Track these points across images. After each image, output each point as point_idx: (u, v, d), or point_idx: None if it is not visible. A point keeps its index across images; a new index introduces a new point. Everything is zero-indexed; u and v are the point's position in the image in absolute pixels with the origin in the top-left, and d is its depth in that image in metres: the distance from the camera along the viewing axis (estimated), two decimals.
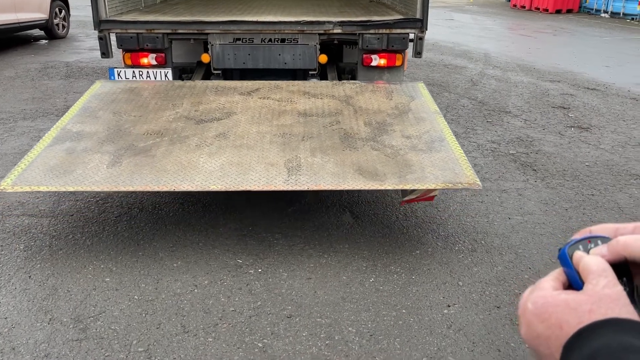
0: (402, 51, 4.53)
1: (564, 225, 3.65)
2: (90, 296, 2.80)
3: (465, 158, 3.23)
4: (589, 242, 0.55)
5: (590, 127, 5.78)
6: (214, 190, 2.91)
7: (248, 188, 2.92)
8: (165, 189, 2.91)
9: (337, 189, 2.96)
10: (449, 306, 2.77)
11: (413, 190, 3.11)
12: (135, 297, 2.80)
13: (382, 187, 2.97)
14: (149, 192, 3.99)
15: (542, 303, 0.51)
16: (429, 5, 4.38)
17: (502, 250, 3.32)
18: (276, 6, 5.63)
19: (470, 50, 10.39)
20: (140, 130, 3.51)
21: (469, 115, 6.10)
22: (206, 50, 4.45)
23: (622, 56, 10.23)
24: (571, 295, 0.50)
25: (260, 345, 2.47)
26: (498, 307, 2.78)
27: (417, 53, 4.67)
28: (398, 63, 4.57)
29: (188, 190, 2.91)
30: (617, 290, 0.48)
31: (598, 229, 0.57)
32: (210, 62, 4.45)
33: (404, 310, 2.73)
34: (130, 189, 2.94)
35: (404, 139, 3.44)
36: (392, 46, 4.45)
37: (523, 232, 3.55)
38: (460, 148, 3.34)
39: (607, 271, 0.50)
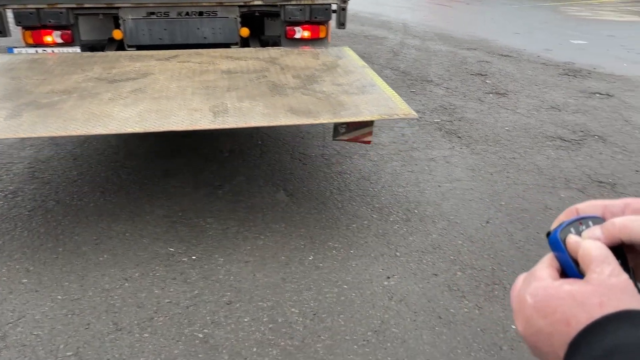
0: (325, 22, 4.44)
1: (491, 190, 3.77)
2: (7, 300, 2.55)
3: (399, 96, 3.20)
4: (581, 223, 0.50)
5: (507, 93, 6.01)
6: (130, 132, 2.64)
7: (170, 129, 2.70)
8: (75, 134, 2.63)
9: (269, 125, 2.81)
10: (389, 277, 2.79)
11: (346, 129, 3.08)
12: (59, 297, 2.59)
13: (317, 122, 2.85)
14: (64, 181, 3.70)
15: (543, 296, 0.46)
16: None
17: (434, 218, 3.38)
18: None
19: (390, 20, 10.47)
20: (43, 90, 3.19)
21: (392, 86, 6.13)
22: (117, 26, 4.13)
23: (530, 24, 10.71)
24: (575, 286, 0.45)
25: (200, 335, 2.37)
26: (435, 275, 2.83)
27: (341, 24, 4.60)
28: (322, 35, 4.48)
29: (101, 134, 2.64)
30: (623, 278, 0.44)
31: (586, 208, 0.53)
32: (122, 39, 4.15)
33: (345, 286, 2.71)
34: (33, 135, 2.64)
35: (334, 86, 3.36)
36: (315, 17, 4.35)
37: (453, 199, 3.63)
38: (391, 89, 3.32)
39: (610, 257, 0.45)
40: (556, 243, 0.49)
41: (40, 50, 4.11)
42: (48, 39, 4.07)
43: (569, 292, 0.45)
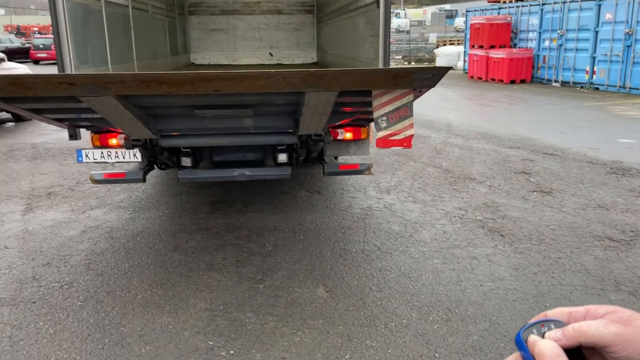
0: (366, 124, 4.68)
1: (535, 290, 3.68)
2: None
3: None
4: (543, 326, 0.57)
5: (552, 191, 5.98)
6: None
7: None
8: None
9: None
10: None
11: (387, 122, 3.08)
12: None
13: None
14: (116, 273, 3.89)
15: None
16: None
17: (476, 319, 3.31)
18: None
19: (433, 120, 10.80)
20: None
21: (435, 183, 6.25)
22: None
23: (575, 122, 10.77)
24: None
25: None
26: None
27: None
28: (363, 136, 4.71)
29: None
30: None
31: (553, 313, 0.60)
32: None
33: None
34: None
35: None
36: (357, 121, 4.60)
37: (496, 298, 3.56)
38: None
39: (561, 357, 0.52)
40: (519, 342, 0.56)
41: (104, 151, 4.51)
42: (113, 141, 4.48)
43: None
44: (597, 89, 15.87)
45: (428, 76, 2.97)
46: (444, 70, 2.93)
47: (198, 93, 2.95)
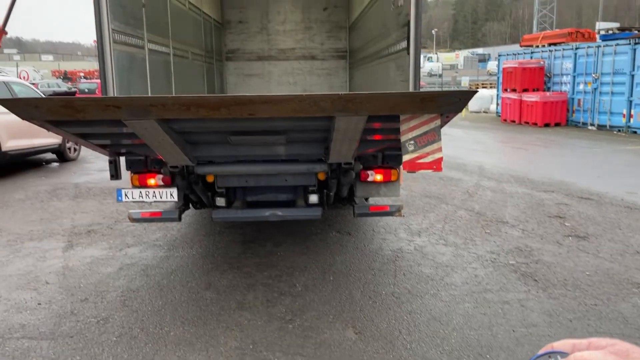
0: (396, 167, 4.74)
1: (570, 337, 3.58)
2: None
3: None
4: (550, 357, 0.62)
5: (588, 236, 5.86)
6: None
7: None
8: None
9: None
10: None
11: (415, 145, 3.09)
12: None
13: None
14: (150, 310, 3.98)
15: None
16: None
17: None
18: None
19: (465, 163, 10.78)
20: None
21: (467, 227, 6.21)
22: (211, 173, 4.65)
23: (612, 166, 10.58)
24: None
25: None
26: None
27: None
28: (393, 178, 4.77)
29: None
30: None
31: (559, 345, 0.65)
32: (214, 181, 4.64)
33: None
34: None
35: None
36: (387, 162, 4.68)
37: (528, 345, 3.49)
38: None
39: None
40: None
41: (143, 191, 4.69)
42: (151, 181, 4.66)
43: None
44: (635, 132, 15.60)
45: (454, 100, 3.04)
46: (470, 94, 3.01)
47: (233, 117, 3.09)
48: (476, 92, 3.12)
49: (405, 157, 3.29)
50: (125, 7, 5.27)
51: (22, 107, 3.09)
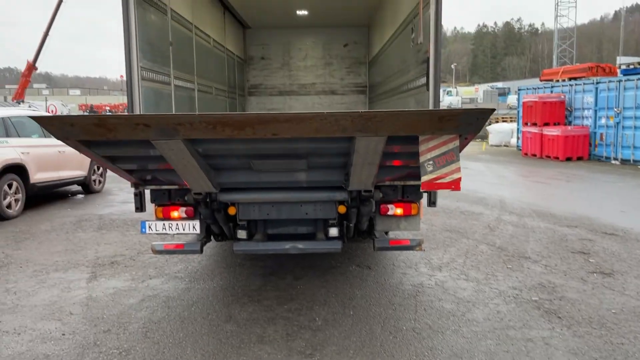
0: (417, 201, 4.76)
1: None
2: None
3: None
4: None
5: (613, 273, 5.74)
6: None
7: None
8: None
9: None
10: None
11: (433, 166, 3.12)
12: None
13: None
14: (171, 342, 4.00)
15: None
16: None
17: None
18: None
19: (486, 197, 10.71)
20: None
21: (488, 262, 6.15)
22: (233, 204, 4.72)
23: (636, 201, 10.41)
24: None
25: None
26: None
27: (432, 202, 4.91)
28: (414, 212, 4.77)
29: None
30: None
31: None
32: (235, 213, 4.70)
33: None
34: None
35: None
36: (407, 196, 4.69)
37: None
38: None
39: None
40: None
41: (166, 223, 4.77)
42: (175, 214, 4.75)
43: None
44: None
45: (473, 120, 3.08)
46: (488, 112, 3.05)
47: (257, 137, 3.18)
48: (494, 110, 3.15)
49: (424, 178, 3.33)
50: (153, 45, 5.48)
51: (58, 125, 3.21)
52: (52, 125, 3.22)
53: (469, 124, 3.13)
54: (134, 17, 4.80)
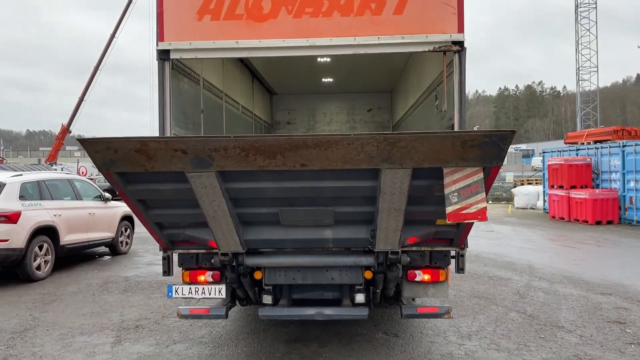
0: (444, 267, 4.69)
1: None
2: None
3: None
4: None
5: None
6: None
7: None
8: None
9: None
10: None
11: (458, 197, 3.17)
12: None
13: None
14: None
15: None
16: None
17: None
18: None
19: (514, 261, 10.48)
20: None
21: (519, 330, 5.94)
22: (259, 268, 4.72)
23: None
24: None
25: None
26: None
27: (460, 269, 4.84)
28: (442, 278, 4.70)
29: None
30: None
31: None
32: (262, 278, 4.69)
33: None
34: None
35: None
36: (435, 262, 4.64)
37: None
38: None
39: None
40: None
41: (193, 287, 4.78)
42: (201, 278, 4.77)
43: None
44: None
45: (494, 146, 3.15)
46: (510, 133, 3.12)
47: (287, 168, 3.35)
48: (514, 132, 3.20)
49: (449, 209, 3.37)
50: (186, 113, 5.71)
51: (103, 150, 3.34)
52: (96, 149, 3.34)
53: (492, 151, 3.19)
54: (168, 87, 5.04)
